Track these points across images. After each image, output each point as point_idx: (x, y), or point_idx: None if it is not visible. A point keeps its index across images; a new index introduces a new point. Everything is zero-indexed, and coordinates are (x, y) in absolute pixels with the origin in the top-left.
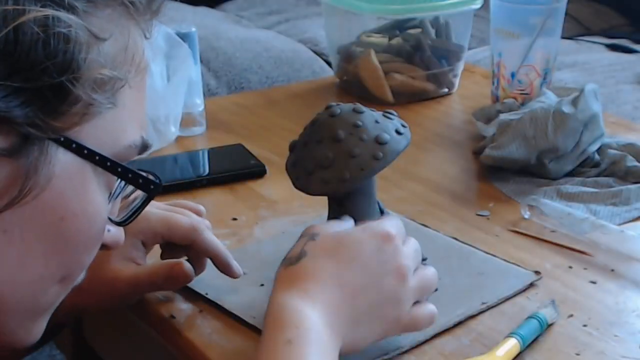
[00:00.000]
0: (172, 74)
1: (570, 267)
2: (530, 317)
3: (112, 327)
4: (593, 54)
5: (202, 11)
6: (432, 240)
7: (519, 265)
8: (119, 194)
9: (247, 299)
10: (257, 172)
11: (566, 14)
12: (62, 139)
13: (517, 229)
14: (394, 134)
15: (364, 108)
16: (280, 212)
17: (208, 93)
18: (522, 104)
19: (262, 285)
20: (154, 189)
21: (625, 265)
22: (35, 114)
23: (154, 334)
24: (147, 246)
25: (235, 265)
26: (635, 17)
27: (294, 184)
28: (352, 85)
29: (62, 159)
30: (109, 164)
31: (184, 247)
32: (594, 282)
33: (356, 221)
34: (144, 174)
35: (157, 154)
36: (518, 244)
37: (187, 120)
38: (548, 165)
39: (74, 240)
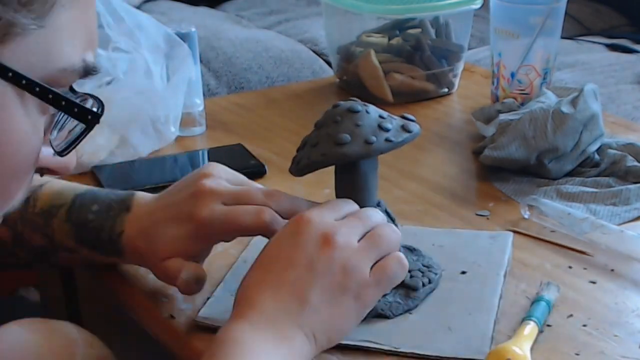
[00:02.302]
0: (172, 74)
1: (570, 267)
2: (537, 300)
3: (112, 327)
4: (593, 54)
5: (202, 11)
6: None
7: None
8: (66, 119)
9: None
10: (257, 172)
11: (566, 14)
12: None
13: (517, 229)
14: (360, 141)
15: (360, 108)
16: None
17: (208, 93)
18: (522, 104)
19: None
20: (92, 119)
21: (625, 265)
22: None
23: (154, 334)
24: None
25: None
26: (635, 17)
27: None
28: (352, 85)
29: None
30: (37, 89)
31: None
32: (593, 282)
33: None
34: (78, 101)
35: (157, 154)
36: (518, 244)
37: (186, 120)
38: (548, 165)
39: None
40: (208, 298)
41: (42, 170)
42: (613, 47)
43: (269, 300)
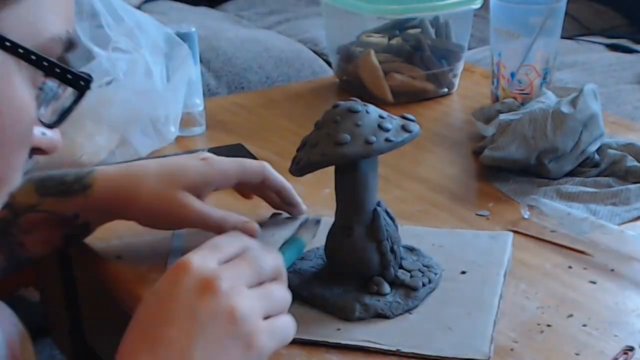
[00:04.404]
0: (172, 74)
1: (570, 267)
2: (293, 239)
3: (112, 327)
4: (593, 54)
5: (202, 11)
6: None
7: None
8: (52, 96)
9: None
10: None
11: (566, 14)
12: None
13: (517, 229)
14: (360, 141)
15: (360, 108)
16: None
17: (208, 93)
18: (522, 104)
19: None
20: (84, 85)
21: (625, 265)
22: None
23: None
24: (217, 189)
25: (300, 201)
26: (635, 17)
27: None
28: (352, 85)
29: None
30: (33, 57)
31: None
32: (593, 282)
33: (346, 199)
34: (73, 69)
35: (157, 154)
36: (518, 244)
37: (187, 121)
38: (548, 165)
39: None
40: None
41: (32, 151)
42: (613, 47)
43: None
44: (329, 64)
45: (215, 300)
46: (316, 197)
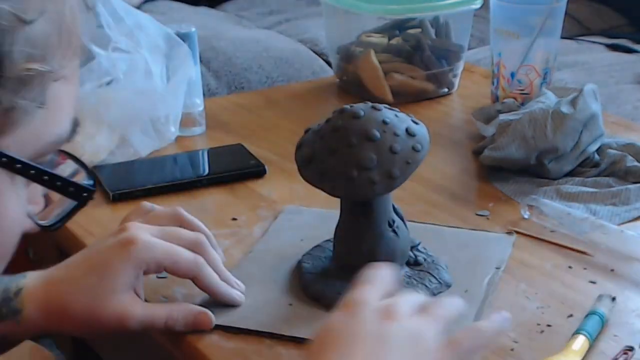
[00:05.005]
0: (172, 74)
1: (570, 267)
2: (590, 313)
3: None
4: (593, 54)
5: (202, 11)
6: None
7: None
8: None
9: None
10: (256, 172)
11: (566, 14)
12: None
13: (516, 229)
14: (414, 124)
15: (380, 105)
16: (280, 212)
17: (208, 93)
18: (522, 104)
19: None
20: (86, 197)
21: (625, 265)
22: None
23: (154, 334)
24: (147, 274)
25: (236, 295)
26: (635, 17)
27: (330, 192)
28: (352, 85)
29: None
30: (32, 172)
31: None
32: (593, 282)
33: (378, 220)
34: (74, 181)
35: (157, 154)
36: (518, 244)
37: (186, 121)
38: (548, 165)
39: None
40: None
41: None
42: (613, 47)
43: None
44: (329, 64)
45: (400, 324)
46: (316, 196)
